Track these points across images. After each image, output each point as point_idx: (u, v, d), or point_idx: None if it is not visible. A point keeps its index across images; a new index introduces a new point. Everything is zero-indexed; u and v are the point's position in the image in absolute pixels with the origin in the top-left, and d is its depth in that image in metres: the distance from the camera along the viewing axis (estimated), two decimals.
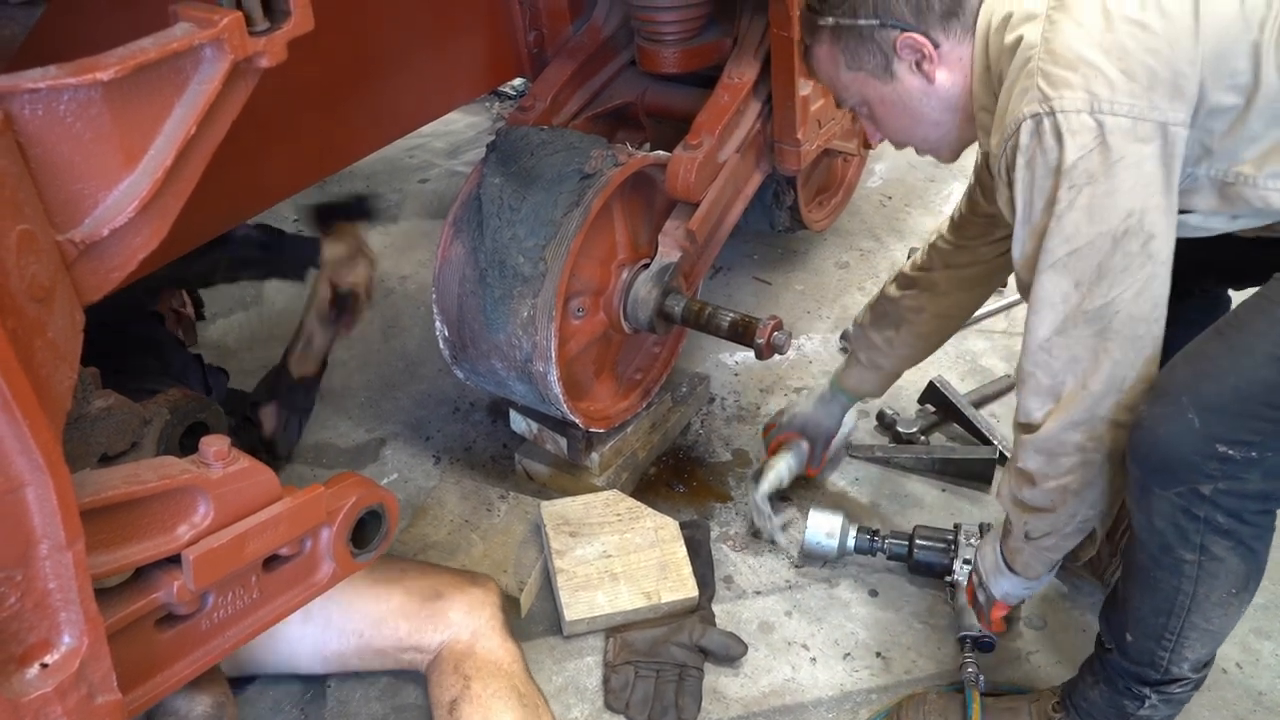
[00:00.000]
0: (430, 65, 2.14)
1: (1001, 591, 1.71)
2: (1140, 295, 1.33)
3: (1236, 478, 1.33)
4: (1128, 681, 1.59)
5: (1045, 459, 1.44)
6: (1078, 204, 1.30)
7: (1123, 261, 1.32)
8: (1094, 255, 1.32)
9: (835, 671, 1.94)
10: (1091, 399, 1.38)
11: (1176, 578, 1.44)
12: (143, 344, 2.08)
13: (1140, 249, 1.31)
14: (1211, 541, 1.39)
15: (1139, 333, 1.35)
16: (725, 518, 2.28)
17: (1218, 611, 1.46)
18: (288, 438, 2.35)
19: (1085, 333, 1.36)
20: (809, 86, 2.28)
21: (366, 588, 1.80)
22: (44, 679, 0.91)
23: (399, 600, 1.80)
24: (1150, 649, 1.53)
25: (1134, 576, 1.52)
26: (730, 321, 2.10)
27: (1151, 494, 1.39)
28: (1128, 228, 1.30)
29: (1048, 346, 1.39)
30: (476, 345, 2.05)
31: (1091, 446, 1.41)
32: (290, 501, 1.21)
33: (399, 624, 1.79)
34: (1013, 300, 2.98)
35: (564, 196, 1.93)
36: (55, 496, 0.86)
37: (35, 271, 0.87)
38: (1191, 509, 1.36)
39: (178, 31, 0.95)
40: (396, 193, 3.71)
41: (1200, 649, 1.52)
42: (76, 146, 0.91)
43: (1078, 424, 1.40)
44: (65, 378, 0.96)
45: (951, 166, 3.74)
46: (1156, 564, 1.45)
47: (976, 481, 2.35)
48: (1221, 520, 1.37)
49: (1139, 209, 1.30)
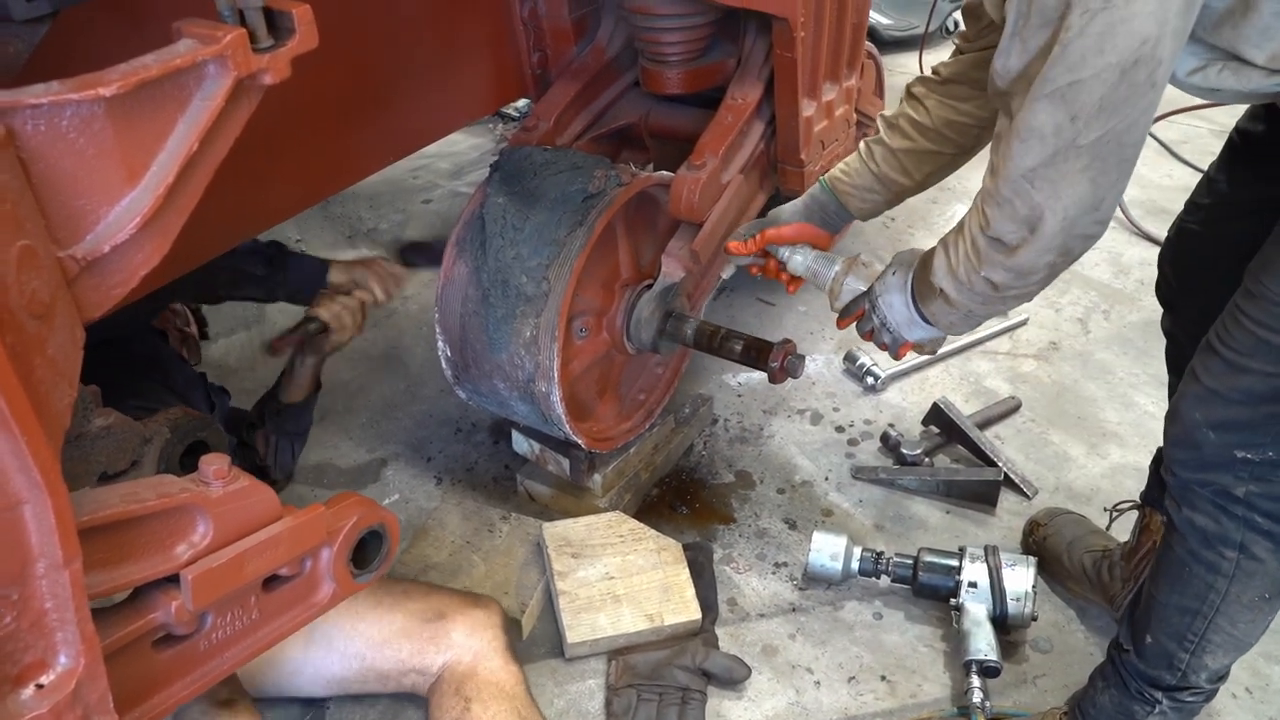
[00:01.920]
0: (435, 84, 2.15)
1: (915, 338, 1.68)
2: (1135, 125, 1.26)
3: (1265, 480, 1.39)
4: (1141, 685, 1.59)
5: (1014, 275, 1.42)
6: (1090, 30, 1.19)
7: (1126, 93, 1.22)
8: (1098, 88, 1.22)
9: (840, 695, 1.92)
10: (1069, 224, 1.33)
11: (1212, 574, 1.46)
12: (146, 361, 2.08)
13: (1146, 78, 1.22)
14: (1253, 541, 1.43)
15: (1126, 156, 1.29)
16: (728, 539, 2.26)
17: (1245, 615, 1.48)
18: (281, 463, 2.34)
19: (1073, 166, 1.29)
20: (812, 107, 2.29)
21: (368, 610, 1.79)
22: (39, 700, 0.90)
23: (401, 622, 1.79)
24: (1170, 651, 1.54)
25: (1165, 574, 1.53)
26: (743, 345, 2.09)
27: (1192, 492, 1.46)
28: (1139, 57, 1.19)
29: (1030, 177, 1.31)
30: (479, 365, 2.04)
31: (1062, 261, 1.39)
32: (290, 521, 1.20)
33: (401, 646, 1.78)
34: (1016, 322, 2.98)
35: (567, 216, 1.93)
36: (53, 515, 0.85)
37: (35, 288, 0.86)
38: (1229, 507, 1.42)
39: (181, 48, 0.94)
40: (400, 213, 3.71)
41: (1221, 656, 1.53)
42: (79, 162, 0.90)
43: (1052, 249, 1.36)
44: (65, 395, 0.95)
45: (955, 188, 3.74)
46: (1195, 558, 1.48)
47: (981, 503, 2.34)
48: (1261, 521, 1.41)
49: (1154, 36, 1.18)
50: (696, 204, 2.07)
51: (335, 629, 1.76)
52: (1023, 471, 2.41)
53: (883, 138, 1.80)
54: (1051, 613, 2.07)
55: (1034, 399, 2.69)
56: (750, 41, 2.28)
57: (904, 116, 1.77)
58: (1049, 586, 2.13)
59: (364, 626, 1.78)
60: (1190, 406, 1.43)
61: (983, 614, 1.95)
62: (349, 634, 1.78)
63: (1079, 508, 2.29)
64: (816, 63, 2.26)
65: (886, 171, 1.81)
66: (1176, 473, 1.47)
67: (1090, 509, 2.30)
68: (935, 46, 5.00)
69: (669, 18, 2.20)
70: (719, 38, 2.34)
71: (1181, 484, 1.47)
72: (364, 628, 1.78)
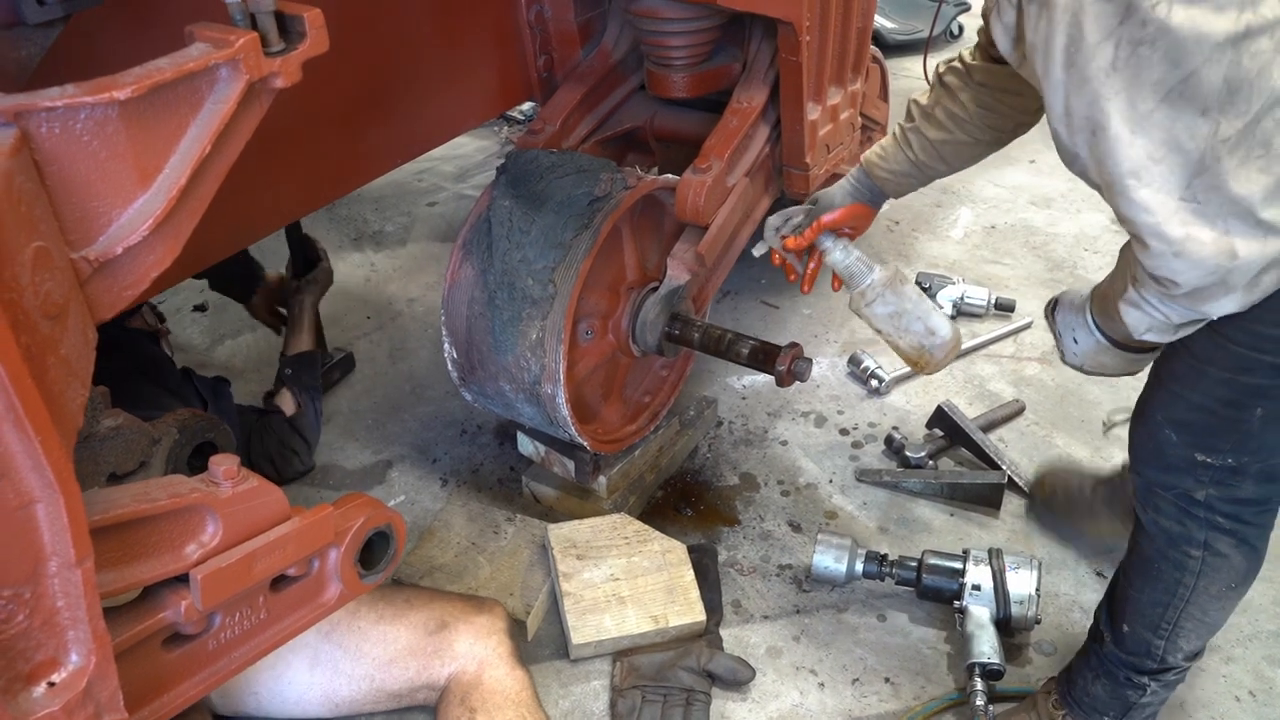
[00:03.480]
0: (441, 87, 2.16)
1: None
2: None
3: (1226, 484, 1.43)
4: (1126, 672, 1.64)
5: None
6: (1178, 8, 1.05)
7: (1252, 63, 1.07)
8: (1216, 70, 1.07)
9: (844, 697, 1.92)
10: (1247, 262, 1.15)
11: (1180, 571, 1.51)
12: (140, 365, 2.08)
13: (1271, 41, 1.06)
14: (1215, 539, 1.48)
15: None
16: (733, 541, 2.27)
17: (1215, 604, 1.54)
18: (310, 423, 2.44)
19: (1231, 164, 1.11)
20: (817, 111, 2.29)
21: (371, 626, 1.76)
22: (50, 698, 0.91)
23: (406, 639, 1.76)
24: (1147, 639, 1.59)
25: (1137, 568, 1.58)
26: (751, 349, 2.09)
27: (1156, 495, 1.50)
28: (1248, 25, 1.05)
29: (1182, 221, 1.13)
30: (485, 367, 2.05)
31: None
32: (299, 521, 1.20)
33: (409, 664, 1.76)
34: (1020, 325, 2.98)
35: (574, 219, 1.94)
36: (65, 514, 0.86)
37: (49, 288, 0.87)
38: (1191, 510, 1.46)
39: (194, 52, 0.96)
40: (405, 215, 3.72)
41: (1195, 640, 1.58)
42: (92, 165, 0.91)
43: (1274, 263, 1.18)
44: (77, 395, 0.95)
45: (959, 192, 3.75)
46: (1163, 556, 1.52)
47: (984, 506, 2.34)
48: (1223, 521, 1.46)
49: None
50: (702, 207, 2.08)
51: (340, 650, 1.74)
52: (1026, 474, 2.41)
53: (919, 127, 1.77)
54: (1055, 615, 2.07)
55: (1038, 402, 2.69)
56: (755, 45, 2.29)
57: (940, 107, 1.73)
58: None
59: (368, 646, 1.75)
60: (1155, 407, 1.47)
61: (986, 617, 1.95)
62: (355, 655, 1.75)
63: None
64: (822, 66, 2.27)
65: (924, 159, 1.78)
66: (1142, 472, 1.52)
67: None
68: (939, 50, 5.00)
69: (674, 21, 2.21)
70: (724, 42, 2.35)
71: (1146, 486, 1.51)
72: (368, 648, 1.75)
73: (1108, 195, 1.22)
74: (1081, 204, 3.69)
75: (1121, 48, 1.10)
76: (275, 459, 2.39)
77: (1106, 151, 1.16)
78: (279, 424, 2.40)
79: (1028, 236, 3.51)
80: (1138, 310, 1.33)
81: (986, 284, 3.14)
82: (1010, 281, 3.23)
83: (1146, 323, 1.33)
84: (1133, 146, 1.14)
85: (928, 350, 1.87)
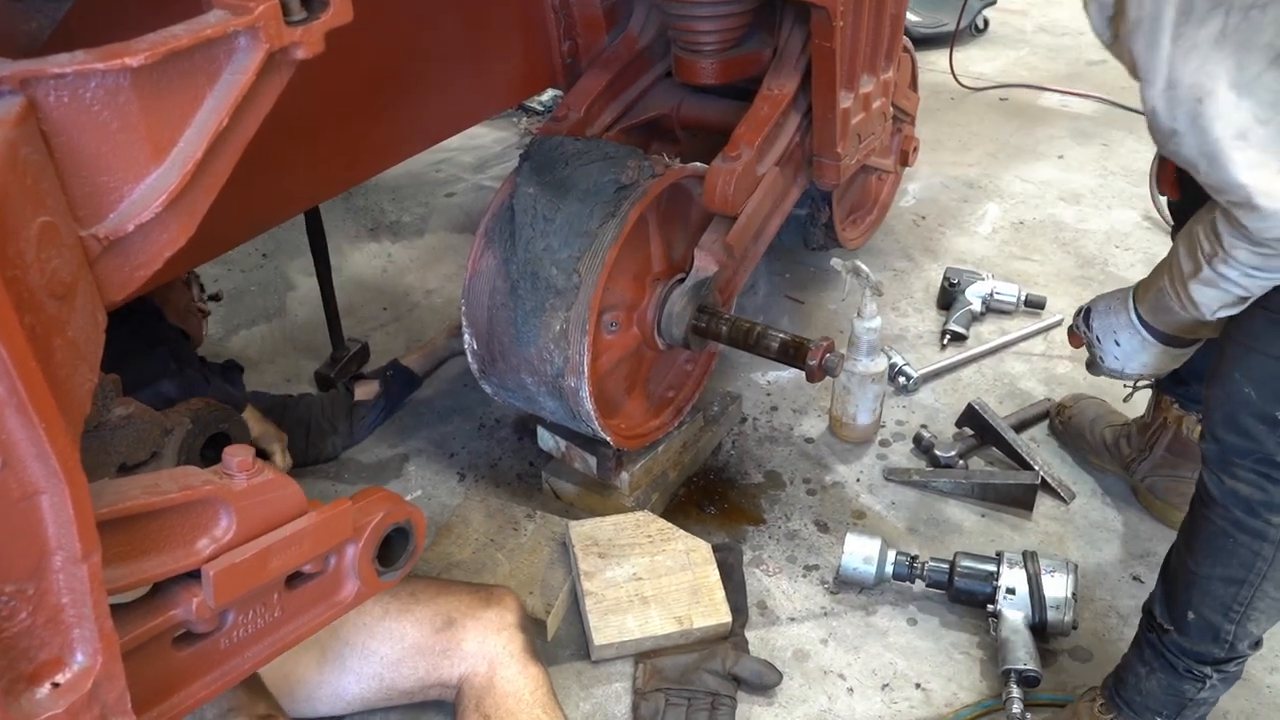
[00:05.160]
0: (463, 71, 2.10)
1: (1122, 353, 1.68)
2: None
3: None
4: (1188, 663, 1.58)
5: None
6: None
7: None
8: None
9: (873, 703, 1.86)
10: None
11: (1259, 541, 1.45)
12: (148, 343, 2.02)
13: None
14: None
15: None
16: (758, 541, 2.21)
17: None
18: (366, 418, 2.47)
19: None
20: (850, 99, 2.23)
21: (376, 622, 1.71)
22: (55, 699, 0.86)
23: (412, 637, 1.72)
24: (1216, 624, 1.53)
25: (1204, 547, 1.52)
26: (781, 343, 2.03)
27: (1233, 463, 1.44)
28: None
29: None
30: (506, 359, 1.99)
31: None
32: (316, 516, 1.16)
33: (417, 664, 1.71)
34: (1051, 323, 2.92)
35: (600, 207, 1.88)
36: (71, 505, 0.81)
37: (56, 266, 0.82)
38: (1272, 475, 1.41)
39: (211, 19, 0.90)
40: (423, 206, 3.67)
41: (1265, 622, 1.53)
42: (103, 136, 0.86)
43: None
44: (85, 380, 0.90)
45: (986, 187, 3.68)
46: (1240, 527, 1.46)
47: (1017, 507, 2.28)
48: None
49: None
50: (731, 196, 2.02)
51: (347, 648, 1.70)
52: (1059, 475, 2.35)
53: None
54: (1091, 621, 2.01)
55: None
56: (787, 31, 2.23)
57: None
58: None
59: (375, 644, 1.71)
60: (1231, 366, 1.43)
61: (1021, 621, 1.90)
62: (362, 654, 1.71)
63: (1119, 512, 2.26)
64: (855, 54, 2.21)
65: None
66: (1220, 437, 1.46)
67: (1130, 512, 2.25)
68: (965, 44, 4.93)
69: (704, 6, 2.15)
70: (755, 27, 2.29)
71: (1221, 453, 1.46)
72: (375, 644, 1.71)
73: (1206, 169, 1.23)
74: (1112, 200, 3.61)
75: (1233, 14, 1.14)
76: (312, 429, 2.36)
77: (1211, 118, 1.18)
78: (343, 399, 2.41)
79: (1057, 232, 3.44)
80: (1212, 289, 1.39)
81: (1015, 280, 3.07)
82: (1040, 278, 3.16)
83: (1220, 299, 1.40)
84: (1239, 110, 1.17)
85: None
